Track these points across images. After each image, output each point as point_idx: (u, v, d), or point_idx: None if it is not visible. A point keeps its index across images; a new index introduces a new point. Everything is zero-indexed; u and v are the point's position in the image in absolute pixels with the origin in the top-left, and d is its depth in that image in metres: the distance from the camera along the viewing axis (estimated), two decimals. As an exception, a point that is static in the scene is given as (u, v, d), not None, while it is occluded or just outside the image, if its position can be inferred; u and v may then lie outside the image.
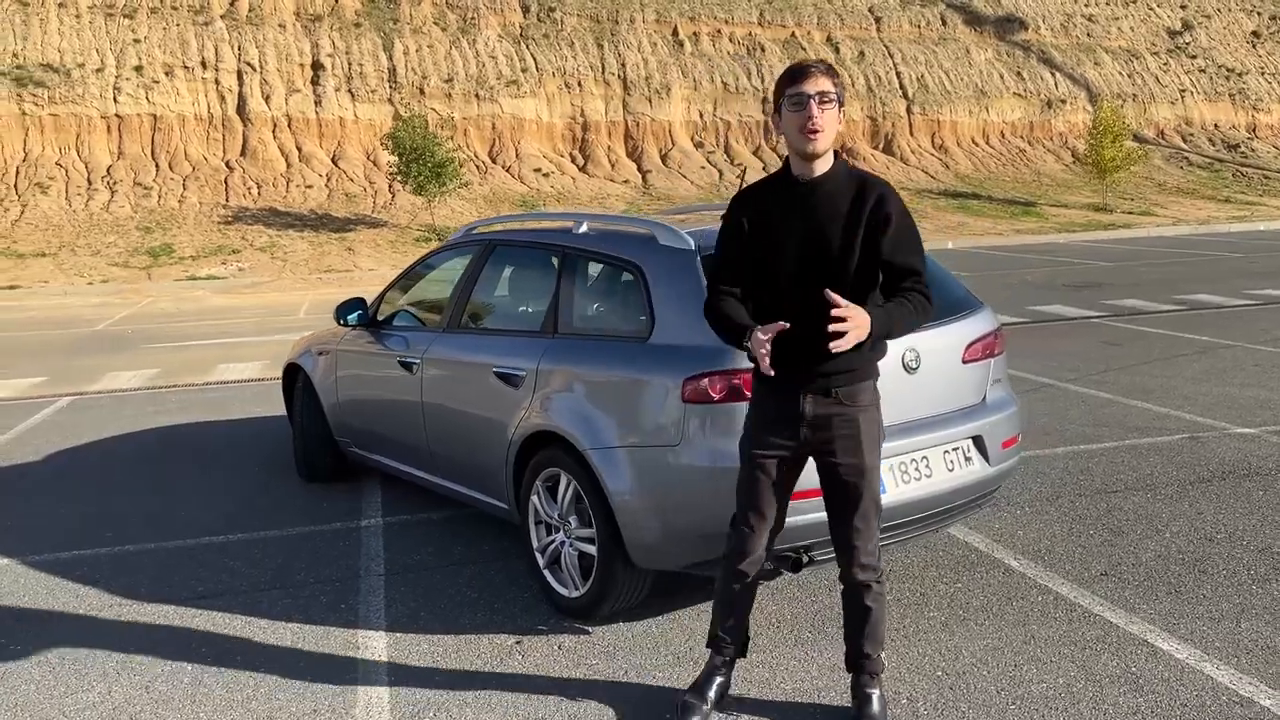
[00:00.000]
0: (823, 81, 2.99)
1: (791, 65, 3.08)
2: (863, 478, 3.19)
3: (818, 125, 2.97)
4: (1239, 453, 6.46)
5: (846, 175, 3.12)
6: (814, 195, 3.07)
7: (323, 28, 33.80)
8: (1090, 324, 12.45)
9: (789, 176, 3.14)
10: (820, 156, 3.06)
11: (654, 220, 4.33)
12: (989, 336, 4.41)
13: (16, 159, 28.61)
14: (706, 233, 4.23)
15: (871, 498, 3.22)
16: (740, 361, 3.71)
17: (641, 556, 3.96)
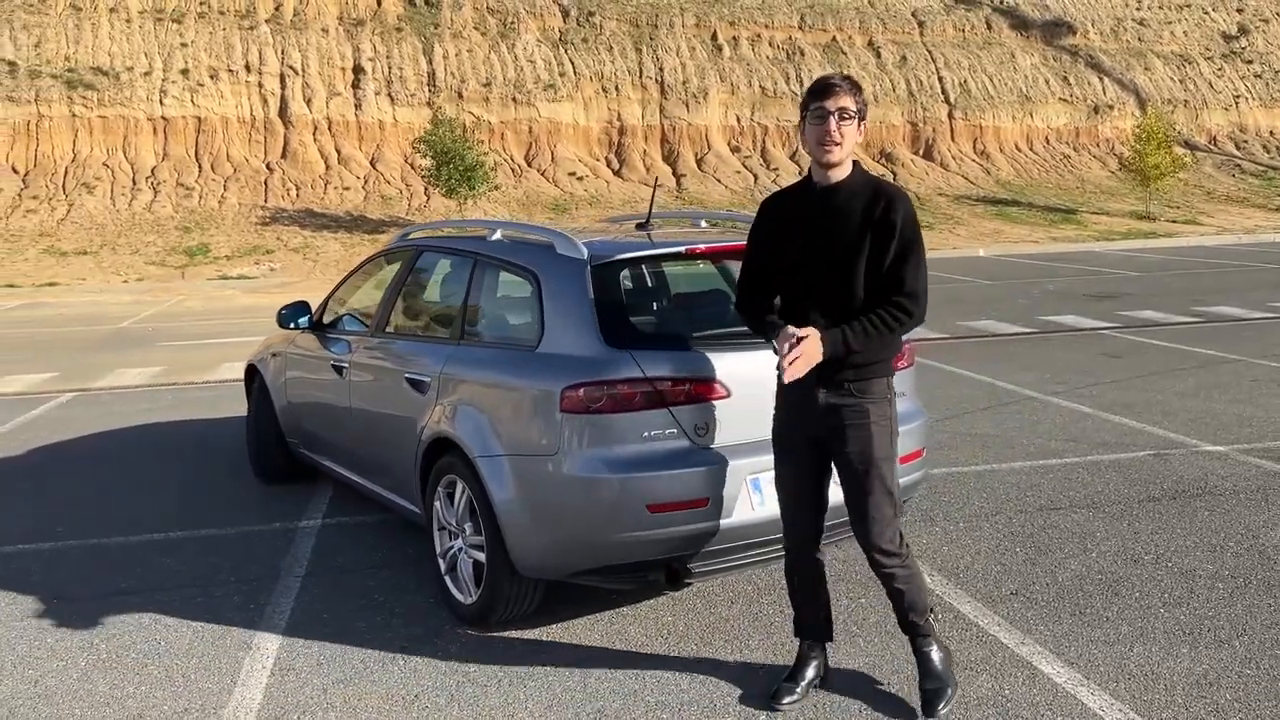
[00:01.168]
0: (845, 99, 3.20)
1: (817, 79, 3.31)
2: (872, 467, 3.31)
3: (835, 139, 3.20)
4: (1199, 471, 6.31)
5: (862, 182, 3.32)
6: (830, 200, 3.28)
7: (364, 32, 34.31)
8: (1097, 336, 12.22)
9: (809, 183, 3.39)
10: (836, 166, 3.28)
11: (556, 230, 4.34)
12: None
13: (66, 159, 29.44)
14: (604, 243, 4.25)
15: (883, 488, 3.33)
16: (618, 372, 3.73)
17: (526, 565, 3.98)
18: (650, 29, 37.77)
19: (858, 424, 3.31)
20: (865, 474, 3.32)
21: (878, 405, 3.33)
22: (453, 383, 4.36)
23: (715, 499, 3.76)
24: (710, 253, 4.35)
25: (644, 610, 4.42)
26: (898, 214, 3.22)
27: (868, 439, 3.31)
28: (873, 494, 3.33)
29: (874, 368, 3.33)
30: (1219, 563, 4.79)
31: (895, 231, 3.20)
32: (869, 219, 3.22)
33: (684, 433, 3.78)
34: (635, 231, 4.73)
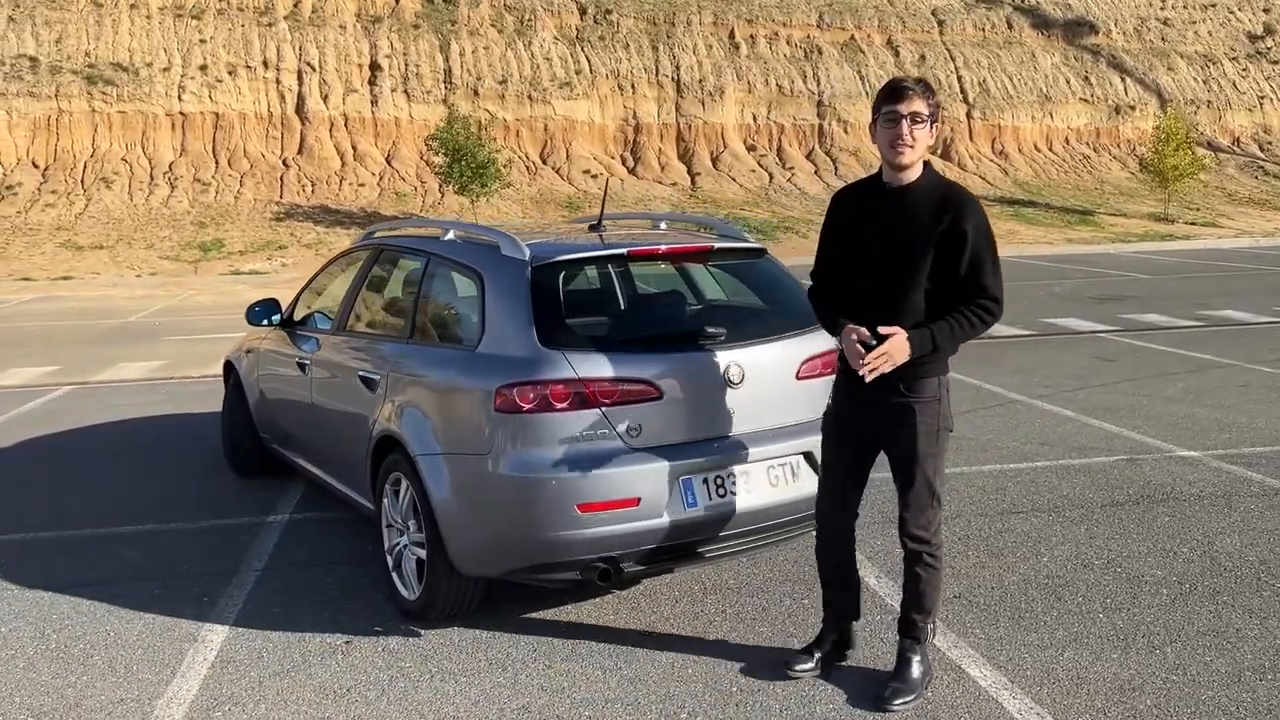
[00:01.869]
0: (918, 103, 3.27)
1: (891, 81, 3.37)
2: (915, 463, 3.46)
3: (908, 142, 3.28)
4: (1168, 476, 6.28)
5: (933, 185, 3.38)
6: (899, 202, 3.35)
7: (382, 29, 34.49)
8: (1095, 339, 12.15)
9: (880, 183, 3.45)
10: (908, 169, 3.35)
11: (502, 230, 4.39)
12: (830, 353, 4.36)
13: (85, 154, 29.77)
14: (547, 245, 4.30)
15: (924, 481, 3.48)
16: (551, 373, 3.77)
17: (462, 563, 4.03)
18: (667, 27, 37.75)
19: (905, 423, 3.43)
20: (908, 469, 3.48)
21: (926, 405, 3.43)
22: (400, 381, 4.42)
23: (647, 499, 3.80)
24: (652, 254, 4.39)
25: (591, 607, 4.46)
26: (968, 222, 3.29)
27: (913, 438, 3.44)
28: (914, 486, 3.49)
29: (927, 367, 3.40)
30: (1168, 568, 4.78)
31: (966, 240, 3.28)
32: (937, 225, 3.28)
33: (616, 433, 3.82)
34: (587, 233, 4.77)
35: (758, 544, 4.20)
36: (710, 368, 3.98)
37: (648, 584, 4.68)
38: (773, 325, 4.34)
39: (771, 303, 4.58)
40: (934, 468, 3.50)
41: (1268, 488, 6.00)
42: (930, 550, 3.56)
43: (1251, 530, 5.27)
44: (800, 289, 4.65)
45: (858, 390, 3.46)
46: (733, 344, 4.07)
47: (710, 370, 3.98)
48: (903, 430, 3.45)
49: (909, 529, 3.55)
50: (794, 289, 4.58)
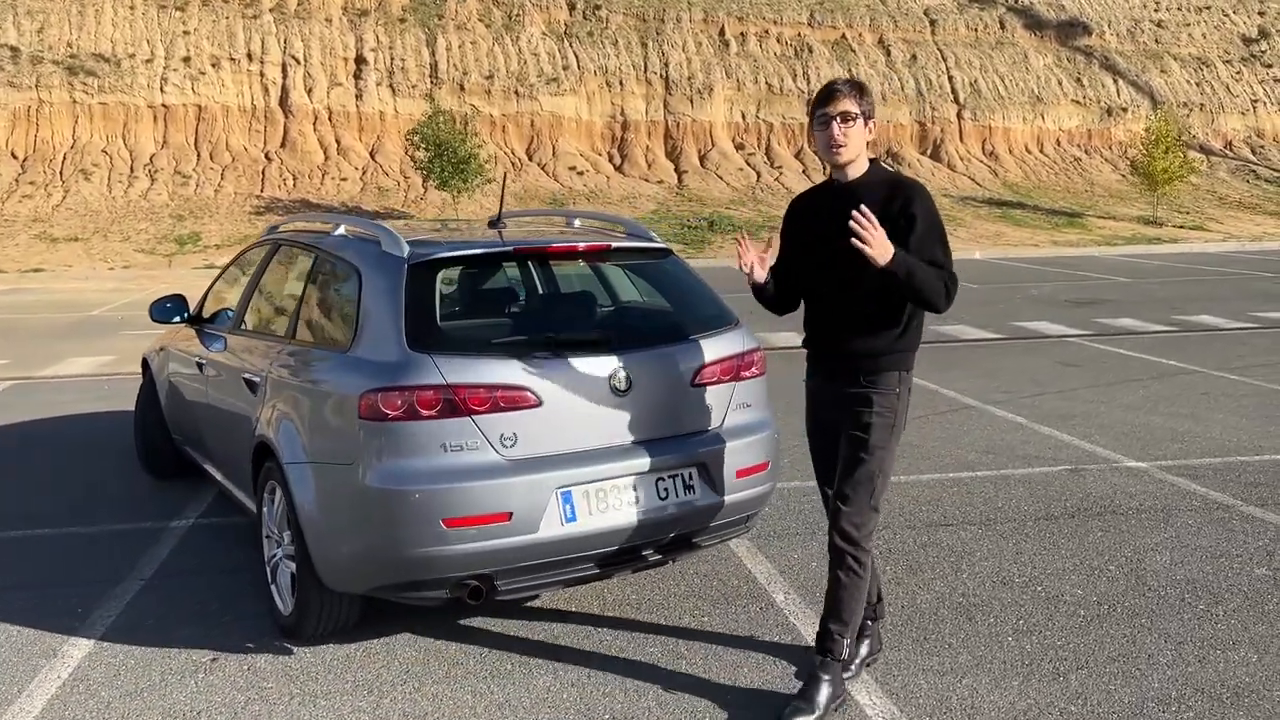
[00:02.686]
0: (845, 103, 3.31)
1: (823, 86, 3.43)
2: (863, 452, 3.37)
3: (840, 141, 3.33)
4: (1109, 488, 6.07)
5: (880, 178, 3.45)
6: (848, 197, 3.34)
7: (368, 22, 34.25)
8: (1064, 343, 11.94)
9: (830, 182, 3.52)
10: (846, 165, 3.40)
11: (386, 226, 4.17)
12: (734, 358, 4.16)
13: (65, 146, 29.53)
14: (427, 242, 4.08)
15: (867, 474, 3.37)
16: (417, 378, 3.56)
17: (328, 578, 3.81)
18: (657, 23, 37.53)
19: (860, 410, 3.40)
20: (854, 458, 3.39)
21: (883, 396, 3.39)
22: (277, 384, 4.21)
23: (520, 514, 3.58)
24: (538, 253, 4.17)
25: (495, 622, 4.25)
26: (916, 206, 3.33)
27: (866, 426, 3.38)
28: (852, 476, 3.40)
29: (887, 359, 3.40)
30: (1090, 587, 4.57)
31: (915, 221, 3.30)
32: (888, 213, 3.29)
33: (488, 443, 3.60)
34: (487, 230, 4.55)
35: (648, 561, 3.98)
36: (595, 374, 3.76)
37: (567, 594, 4.47)
38: (669, 329, 4.13)
39: (672, 305, 4.37)
40: (879, 465, 3.41)
41: (1209, 501, 5.79)
42: (856, 554, 3.41)
43: (1184, 547, 5.06)
44: (706, 291, 4.44)
45: (825, 386, 3.51)
46: (621, 349, 3.85)
47: (594, 376, 3.76)
48: (858, 417, 3.41)
49: (839, 523, 3.42)
50: (699, 291, 4.37)
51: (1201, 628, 4.13)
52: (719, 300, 4.40)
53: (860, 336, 3.40)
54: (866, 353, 3.40)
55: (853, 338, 3.41)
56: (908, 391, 3.49)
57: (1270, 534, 5.23)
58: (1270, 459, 6.67)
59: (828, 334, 3.50)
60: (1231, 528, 5.34)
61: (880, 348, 3.40)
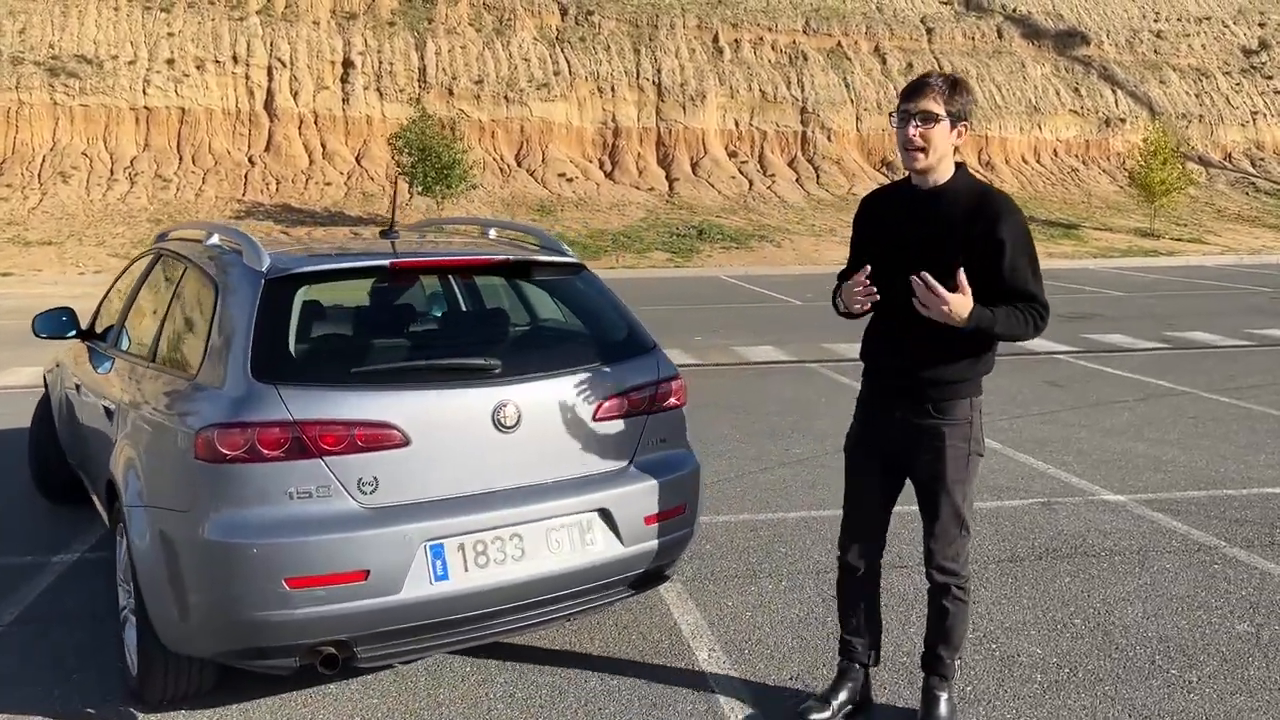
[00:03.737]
0: (929, 101, 3.00)
1: (915, 78, 3.12)
2: (943, 492, 3.20)
3: (917, 144, 3.03)
4: (1083, 526, 5.58)
5: (967, 187, 3.12)
6: (929, 205, 3.10)
7: (356, 25, 33.83)
8: (1050, 361, 11.45)
9: (909, 185, 3.20)
10: (925, 172, 3.09)
11: (252, 236, 3.69)
12: (646, 388, 3.68)
13: (44, 148, 29.08)
14: (291, 255, 3.60)
15: (952, 511, 3.23)
16: (258, 413, 3.07)
17: (166, 638, 3.32)
18: (650, 29, 37.11)
19: (933, 447, 3.18)
20: (935, 497, 3.23)
21: (957, 427, 3.18)
22: (126, 413, 3.73)
23: (379, 572, 3.09)
24: (422, 268, 3.68)
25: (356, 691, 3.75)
26: (1007, 226, 3.02)
27: (941, 463, 3.19)
28: (940, 516, 3.24)
29: (958, 386, 3.16)
30: (1051, 645, 4.08)
31: (1004, 247, 3.00)
32: (969, 230, 3.03)
33: (343, 489, 3.12)
34: (378, 239, 4.07)
35: (536, 620, 3.49)
36: (476, 407, 3.28)
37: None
38: (570, 354, 3.65)
39: (578, 327, 3.89)
40: (963, 495, 3.24)
41: (1189, 542, 5.29)
42: (959, 583, 3.31)
43: (1159, 596, 4.57)
44: (619, 312, 3.96)
45: (885, 414, 3.25)
46: (509, 378, 3.37)
47: (476, 410, 3.28)
48: (930, 455, 3.19)
49: (936, 560, 3.28)
50: (610, 311, 3.89)
51: (1172, 698, 3.64)
52: (634, 322, 3.92)
53: (933, 363, 3.11)
54: (938, 380, 3.13)
55: (924, 363, 3.11)
56: (979, 414, 3.26)
57: (1254, 582, 4.74)
58: (1258, 492, 6.19)
59: (895, 355, 3.19)
60: (1213, 574, 4.85)
61: (954, 375, 3.13)
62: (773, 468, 6.88)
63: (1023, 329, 3.04)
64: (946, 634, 3.33)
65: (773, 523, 5.71)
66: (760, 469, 6.85)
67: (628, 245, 26.69)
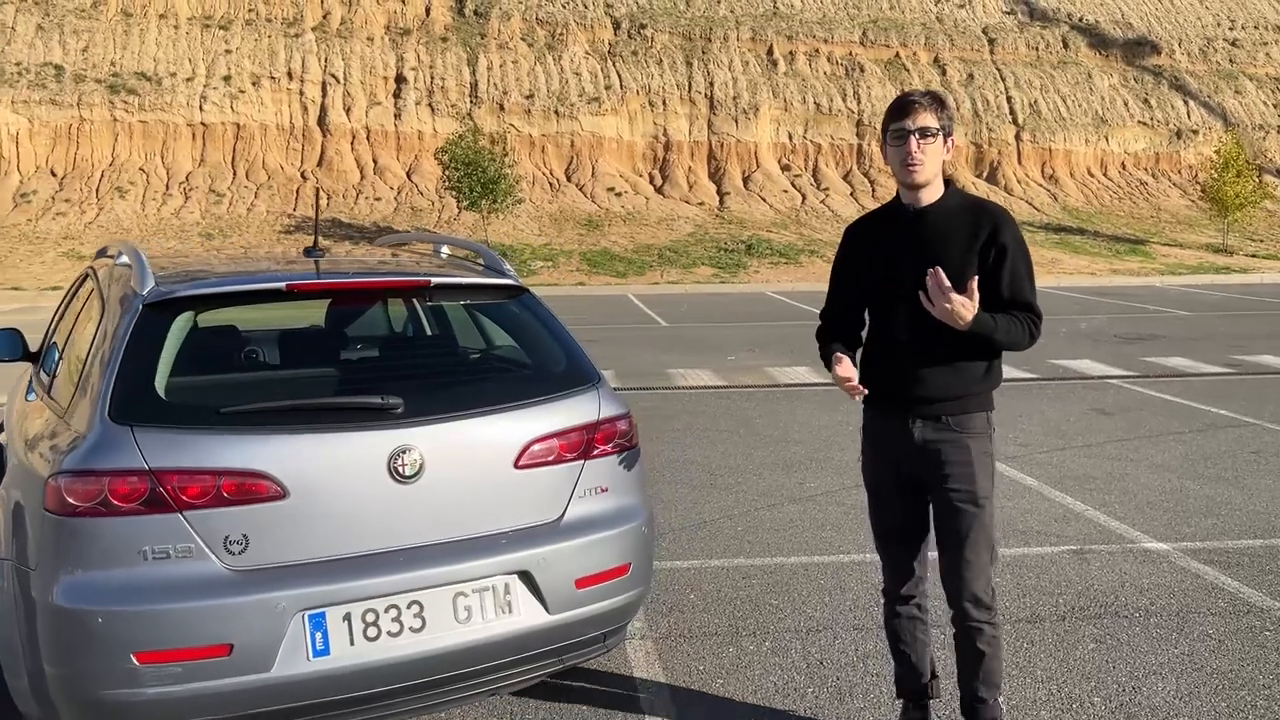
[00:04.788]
0: (925, 117, 2.99)
1: (898, 97, 3.11)
2: (975, 506, 3.08)
3: (917, 159, 3.00)
4: (1118, 579, 4.97)
5: (959, 202, 3.12)
6: (924, 223, 3.07)
7: (409, 41, 33.96)
8: (1102, 386, 10.73)
9: (899, 205, 3.16)
10: (923, 187, 3.06)
11: (143, 255, 3.31)
12: (582, 430, 3.21)
13: (104, 164, 29.56)
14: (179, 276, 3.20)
15: (983, 530, 3.10)
16: (108, 459, 2.67)
17: (24, 710, 2.93)
18: (703, 42, 36.72)
19: (959, 460, 3.07)
20: (964, 515, 3.08)
21: (978, 440, 3.10)
22: (15, 452, 3.35)
23: (244, 646, 2.67)
24: (328, 291, 3.26)
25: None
26: (1007, 235, 3.02)
27: (970, 477, 3.07)
28: (969, 537, 3.08)
29: (974, 400, 3.10)
30: (1062, 734, 3.51)
31: (1006, 254, 3.01)
32: (974, 242, 3.01)
33: (205, 548, 2.70)
34: (302, 258, 3.67)
35: (441, 701, 3.03)
36: (369, 454, 2.85)
37: None
38: (492, 391, 3.20)
39: (508, 359, 3.44)
40: (990, 515, 3.11)
41: (1238, 603, 4.66)
42: (992, 618, 3.15)
43: (1197, 670, 3.97)
44: (560, 341, 3.50)
45: (900, 433, 3.11)
46: (411, 419, 2.93)
47: (369, 457, 2.85)
48: (957, 469, 3.07)
49: (970, 591, 3.10)
50: (546, 340, 3.44)
51: (1201, 808, 3.06)
52: (575, 352, 3.46)
53: (943, 378, 3.06)
54: (951, 395, 3.07)
55: (934, 379, 3.06)
56: (993, 430, 3.17)
57: (1313, 656, 4.11)
58: (1324, 544, 5.51)
59: (902, 375, 3.10)
60: (1263, 643, 4.22)
61: (966, 389, 3.08)
62: (781, 504, 6.36)
63: (1020, 337, 3.04)
64: (989, 676, 3.18)
65: (769, 569, 5.19)
66: (768, 505, 6.34)
67: (674, 260, 26.25)
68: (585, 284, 24.35)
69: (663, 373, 11.81)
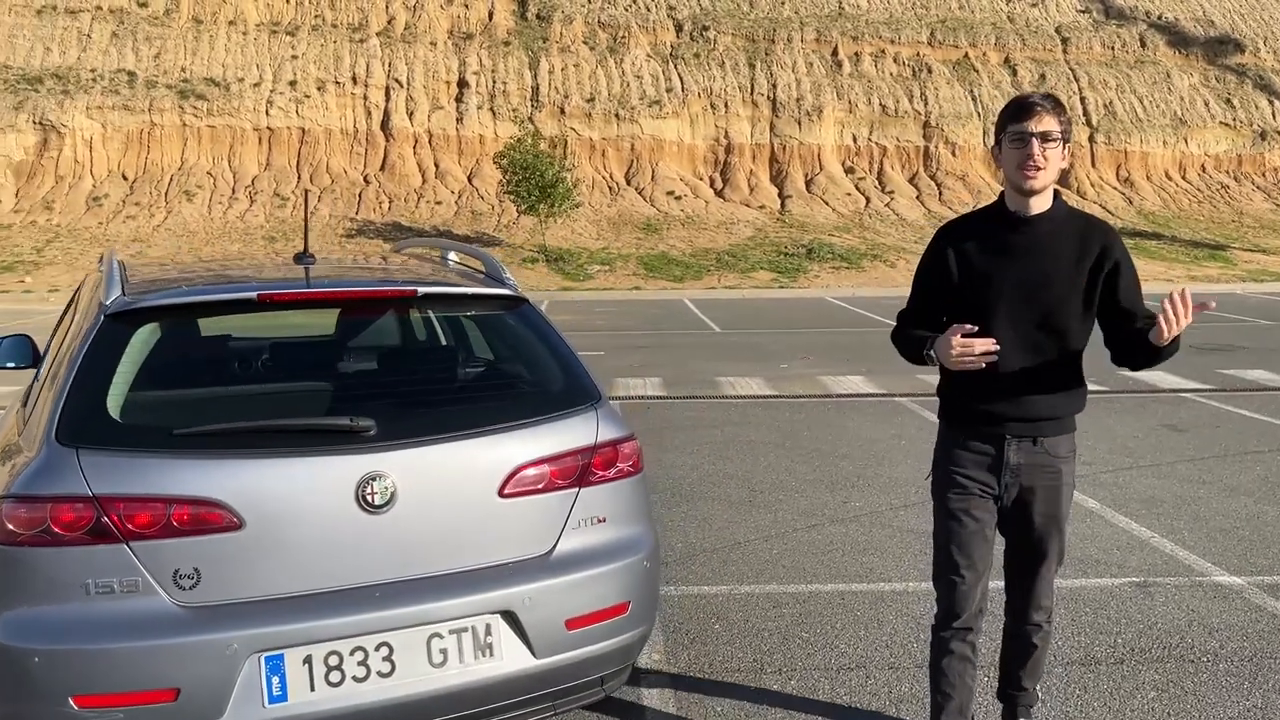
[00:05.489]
0: (1048, 120, 2.90)
1: (1016, 98, 3.00)
2: (1056, 528, 3.08)
3: (1039, 164, 2.89)
4: (1184, 618, 4.55)
5: (1067, 214, 3.03)
6: (1033, 233, 2.97)
7: (472, 46, 34.11)
8: (1175, 400, 10.17)
9: (1005, 211, 3.04)
10: (1039, 194, 2.96)
11: (115, 261, 3.13)
12: (577, 454, 2.94)
13: (173, 168, 30.15)
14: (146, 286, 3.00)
15: (1058, 550, 3.13)
16: (50, 484, 2.48)
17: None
18: (766, 44, 36.29)
19: (1049, 484, 3.03)
20: (1046, 537, 3.07)
21: (1068, 463, 3.07)
22: (-15, 467, 3.18)
23: (192, 689, 2.45)
24: (300, 300, 3.03)
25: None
26: (1119, 251, 2.96)
27: (1056, 501, 3.05)
28: (1048, 556, 3.12)
29: (1064, 422, 3.04)
30: (1114, 801, 3.15)
31: (1121, 269, 2.94)
32: (1085, 256, 2.93)
33: (153, 583, 2.49)
34: (292, 265, 3.45)
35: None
36: (335, 481, 2.62)
37: None
38: (478, 412, 2.94)
39: (501, 376, 3.18)
40: (1065, 535, 3.16)
41: (1321, 650, 4.22)
42: (1048, 618, 3.22)
43: (1272, 730, 3.56)
44: (560, 357, 3.23)
45: (989, 451, 3.02)
46: (383, 443, 2.69)
47: (335, 485, 2.61)
48: (1045, 492, 3.03)
49: (1039, 603, 3.16)
50: (544, 356, 3.17)
51: None
52: (576, 370, 3.18)
53: (1043, 395, 2.97)
54: (1048, 416, 3.00)
55: (1033, 399, 2.97)
56: (1076, 451, 3.14)
57: (1406, 714, 3.67)
58: None
59: (997, 393, 2.97)
60: (1349, 698, 3.79)
61: (1064, 407, 3.02)
62: (823, 525, 6.02)
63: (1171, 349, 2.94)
64: (1034, 667, 3.25)
65: (802, 597, 4.87)
66: (808, 525, 6.00)
67: (732, 264, 25.90)
68: (641, 288, 24.12)
69: (711, 381, 11.51)
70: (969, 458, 3.06)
